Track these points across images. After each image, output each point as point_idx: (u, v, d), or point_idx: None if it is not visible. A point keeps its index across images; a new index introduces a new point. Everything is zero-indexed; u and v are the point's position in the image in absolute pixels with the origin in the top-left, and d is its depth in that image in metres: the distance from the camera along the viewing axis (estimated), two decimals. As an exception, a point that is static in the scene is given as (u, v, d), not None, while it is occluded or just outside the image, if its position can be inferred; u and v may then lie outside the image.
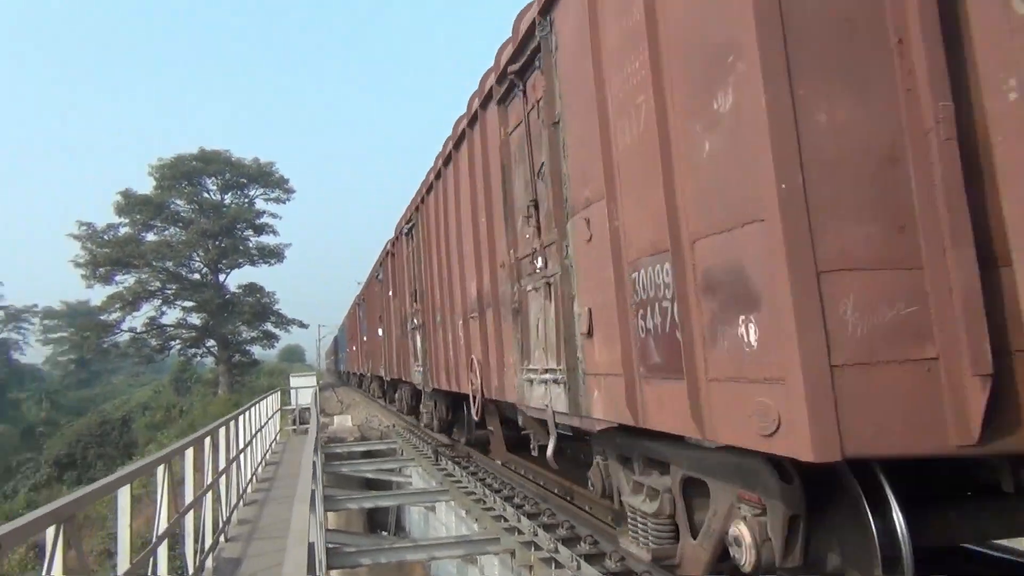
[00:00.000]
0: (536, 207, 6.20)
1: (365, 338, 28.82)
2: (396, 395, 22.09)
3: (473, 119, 8.39)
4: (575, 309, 5.29)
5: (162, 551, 6.96)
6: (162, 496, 7.01)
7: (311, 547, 4.97)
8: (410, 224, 13.98)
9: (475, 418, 9.50)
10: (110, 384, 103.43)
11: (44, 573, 4.27)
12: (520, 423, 7.59)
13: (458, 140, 9.33)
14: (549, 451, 6.29)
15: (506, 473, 11.40)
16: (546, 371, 5.92)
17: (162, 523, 6.96)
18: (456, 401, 13.07)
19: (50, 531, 4.41)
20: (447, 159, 10.12)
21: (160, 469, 7.19)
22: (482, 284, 8.38)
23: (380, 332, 21.07)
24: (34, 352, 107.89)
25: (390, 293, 18.28)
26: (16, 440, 65.15)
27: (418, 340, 13.50)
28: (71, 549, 4.60)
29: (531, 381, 6.36)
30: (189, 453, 8.67)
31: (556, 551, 7.11)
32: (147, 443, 49.22)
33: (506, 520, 8.81)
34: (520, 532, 8.17)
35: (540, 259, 6.04)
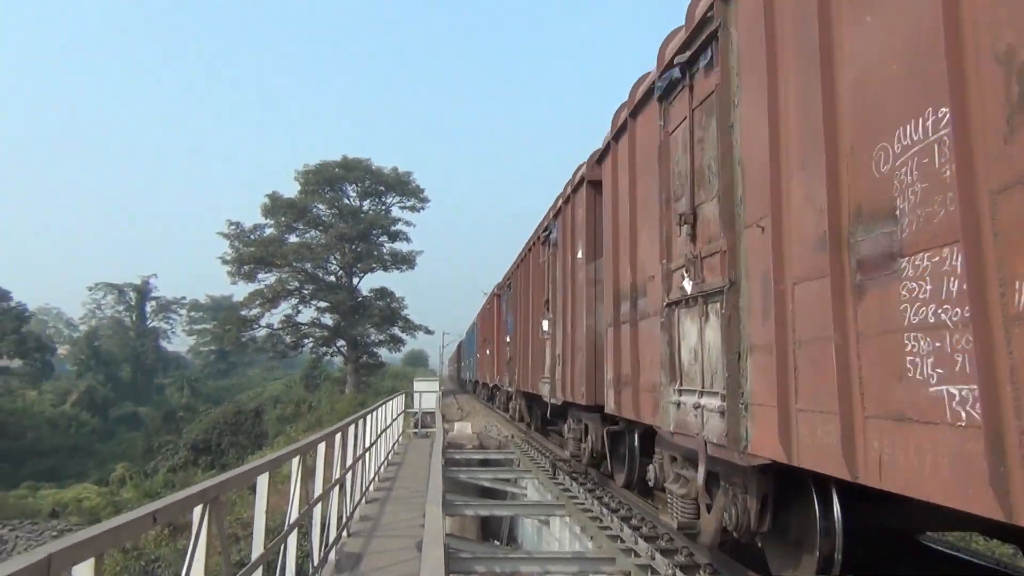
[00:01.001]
0: None
1: (508, 339, 21.31)
2: (569, 429, 13.57)
3: None
4: None
5: (292, 539, 7.29)
6: (295, 486, 7.33)
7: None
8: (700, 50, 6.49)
9: None
10: (245, 376, 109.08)
11: (191, 547, 4.57)
12: None
13: None
14: None
15: (624, 493, 11.30)
16: None
17: (293, 512, 7.28)
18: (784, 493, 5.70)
19: (197, 510, 4.70)
20: None
21: (295, 461, 7.52)
22: None
23: (545, 326, 14.10)
24: (179, 341, 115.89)
25: (579, 255, 11.51)
26: (159, 422, 69.55)
27: (682, 326, 6.81)
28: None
29: None
30: (321, 447, 9.03)
31: (674, 577, 7.00)
32: (276, 435, 51.42)
33: (622, 541, 8.76)
34: (637, 554, 8.10)
35: None
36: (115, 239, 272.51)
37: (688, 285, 6.56)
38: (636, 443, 9.98)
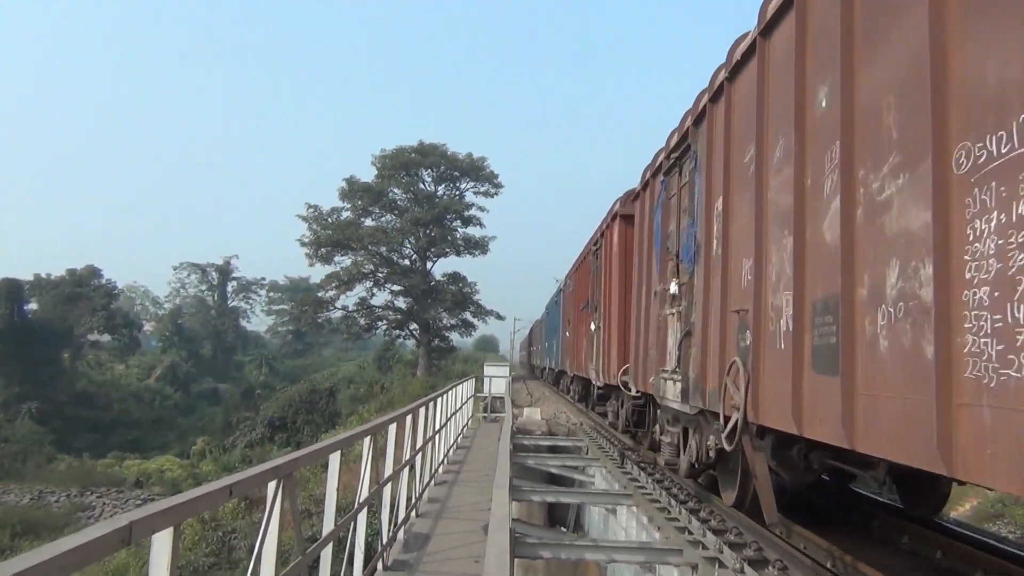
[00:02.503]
0: None
1: (655, 290, 10.77)
2: None
3: None
4: None
5: (362, 517, 7.43)
6: (366, 466, 7.46)
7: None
8: None
9: None
10: (321, 356, 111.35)
11: (265, 520, 4.70)
12: None
13: None
14: None
15: (693, 486, 11.18)
16: None
17: (364, 491, 7.41)
18: None
19: (272, 485, 4.83)
20: None
21: (366, 440, 7.66)
22: None
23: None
24: (258, 321, 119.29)
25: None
26: (237, 399, 71.77)
27: None
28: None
29: None
30: (392, 428, 9.17)
31: (742, 572, 6.90)
32: (349, 414, 52.49)
33: (690, 533, 8.65)
34: (704, 547, 7.99)
35: None
36: (200, 221, 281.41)
37: None
38: None
